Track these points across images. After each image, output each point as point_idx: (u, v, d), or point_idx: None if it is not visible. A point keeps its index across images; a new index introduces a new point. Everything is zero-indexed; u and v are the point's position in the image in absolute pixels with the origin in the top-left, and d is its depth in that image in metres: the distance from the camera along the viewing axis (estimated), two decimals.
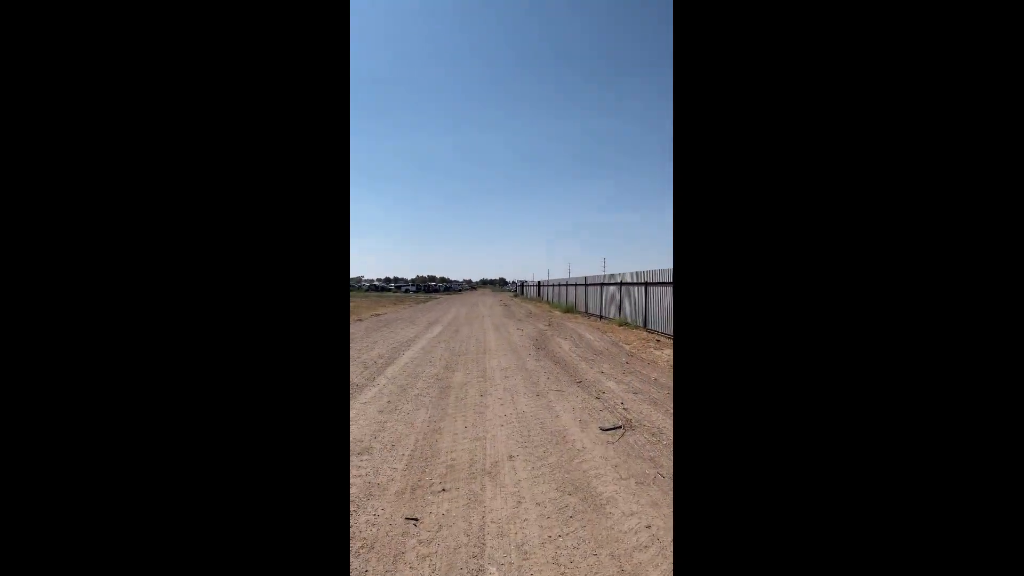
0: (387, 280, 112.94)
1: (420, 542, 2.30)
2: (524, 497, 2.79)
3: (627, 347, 9.26)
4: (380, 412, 4.52)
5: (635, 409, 4.74)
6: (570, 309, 20.72)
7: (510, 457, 3.41)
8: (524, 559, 2.17)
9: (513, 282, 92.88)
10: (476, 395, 5.23)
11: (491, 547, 2.26)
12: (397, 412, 4.54)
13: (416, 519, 2.51)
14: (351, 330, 11.75)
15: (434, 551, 2.23)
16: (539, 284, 37.71)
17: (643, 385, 5.86)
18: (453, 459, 3.37)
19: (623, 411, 4.67)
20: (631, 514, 2.60)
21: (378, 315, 17.58)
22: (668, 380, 6.16)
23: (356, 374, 6.26)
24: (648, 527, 2.46)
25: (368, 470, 3.15)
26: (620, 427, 4.16)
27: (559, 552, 2.23)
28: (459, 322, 14.98)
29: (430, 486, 2.93)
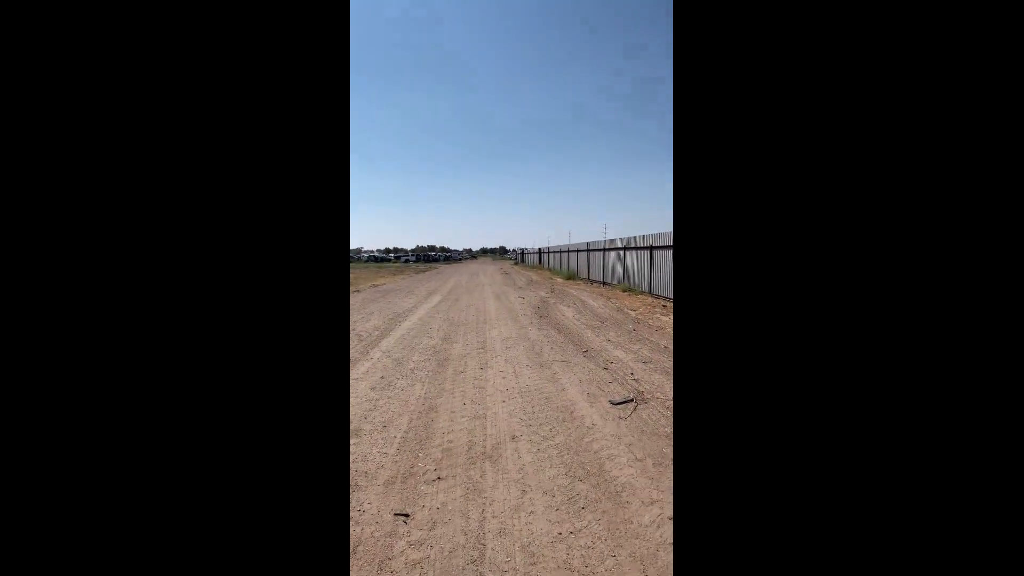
0: (387, 251, 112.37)
1: (410, 544, 1.99)
2: (529, 485, 2.48)
3: (633, 313, 8.92)
4: (372, 389, 4.21)
5: (646, 380, 4.42)
6: (572, 276, 20.33)
7: (513, 438, 3.10)
8: (531, 564, 1.86)
9: (513, 250, 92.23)
10: (476, 368, 4.91)
11: (492, 549, 1.95)
12: (391, 388, 4.22)
13: (406, 515, 2.20)
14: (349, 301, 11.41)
15: (426, 556, 1.92)
16: (540, 251, 37.22)
17: (653, 353, 5.54)
18: (450, 441, 3.06)
19: (633, 382, 4.35)
20: (651, 502, 2.29)
21: (376, 286, 17.23)
22: None
23: (350, 347, 5.95)
24: (672, 519, 2.15)
25: (356, 456, 2.83)
26: (631, 400, 3.84)
27: (571, 553, 1.92)
28: (459, 291, 14.63)
29: (424, 474, 2.62)
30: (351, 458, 2.80)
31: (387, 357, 5.43)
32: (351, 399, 3.91)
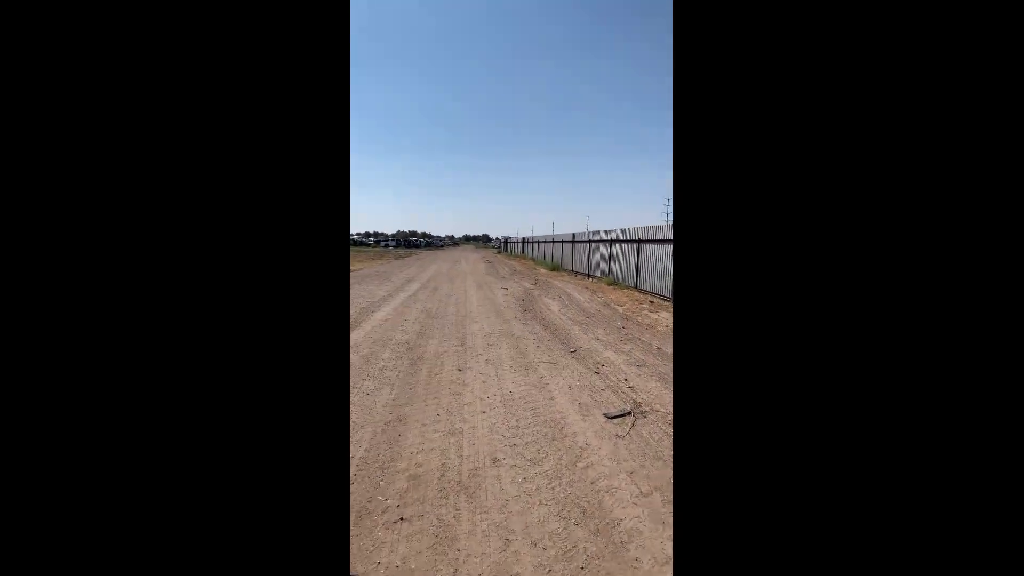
0: (367, 234, 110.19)
1: None
2: (514, 530, 2.00)
3: (620, 309, 8.51)
4: None
5: (642, 387, 3.99)
6: (556, 267, 19.89)
7: (494, 461, 2.61)
8: None
9: (496, 238, 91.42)
10: (453, 370, 4.40)
11: None
12: (354, 392, 3.69)
13: None
14: None
15: None
16: (524, 241, 36.72)
17: (645, 355, 5.11)
18: (418, 465, 2.56)
19: (628, 390, 3.91)
20: (666, 561, 1.84)
21: (353, 271, 16.51)
22: (672, 349, 5.42)
23: None
24: None
25: None
26: (628, 413, 3.40)
27: None
28: (439, 279, 14.03)
29: (384, 512, 2.11)
30: None
31: (354, 353, 4.88)
32: None
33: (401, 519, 2.06)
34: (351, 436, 2.87)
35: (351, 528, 1.98)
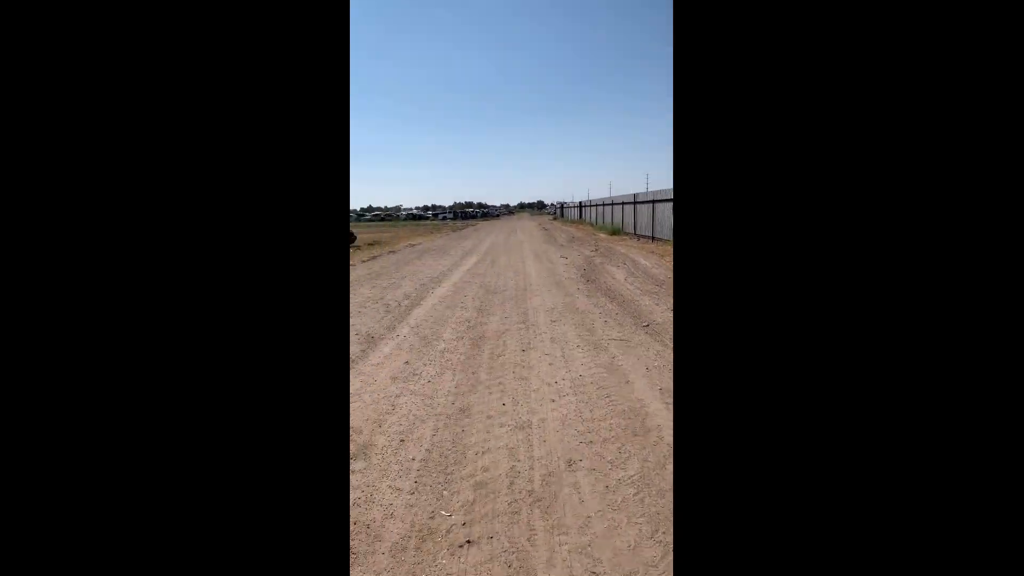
0: (425, 208, 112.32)
1: None
2: (600, 559, 1.68)
3: None
4: (393, 379, 3.49)
5: None
6: (616, 231, 19.02)
7: (569, 464, 2.29)
8: None
9: (552, 204, 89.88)
10: (516, 350, 4.10)
11: None
12: (415, 378, 3.49)
13: None
14: (382, 263, 10.87)
15: None
16: (580, 205, 35.61)
17: None
18: (484, 468, 2.28)
19: None
20: None
21: (413, 245, 16.67)
22: None
23: (376, 320, 5.26)
24: None
25: (360, 495, 2.11)
26: None
27: None
28: (496, 251, 13.77)
29: (448, 531, 1.86)
30: (353, 497, 2.08)
31: (414, 334, 4.71)
32: (366, 396, 3.20)
33: (468, 541, 1.80)
34: (412, 432, 2.66)
35: (411, 553, 1.74)
